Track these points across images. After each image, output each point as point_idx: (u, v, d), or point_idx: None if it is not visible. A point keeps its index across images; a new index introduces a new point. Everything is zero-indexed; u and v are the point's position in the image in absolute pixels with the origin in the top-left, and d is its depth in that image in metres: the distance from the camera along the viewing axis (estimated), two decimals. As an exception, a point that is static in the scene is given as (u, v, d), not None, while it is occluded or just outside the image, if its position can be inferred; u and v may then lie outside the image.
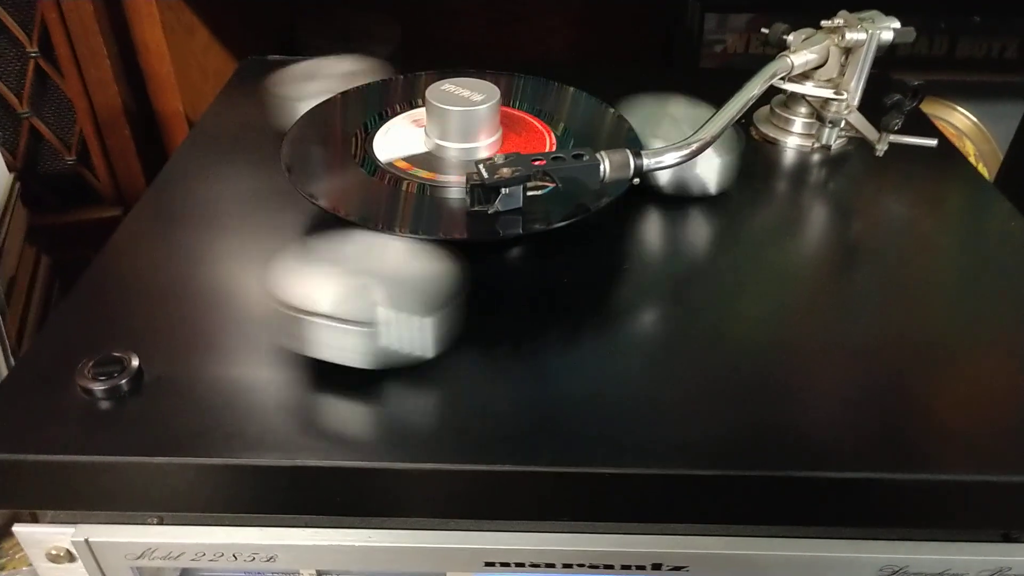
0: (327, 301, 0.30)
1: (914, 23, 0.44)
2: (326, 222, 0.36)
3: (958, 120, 0.90)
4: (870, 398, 0.32)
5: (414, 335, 0.31)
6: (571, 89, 0.47)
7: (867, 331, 0.35)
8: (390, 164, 0.40)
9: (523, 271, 0.38)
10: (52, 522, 0.32)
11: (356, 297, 0.31)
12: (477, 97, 0.40)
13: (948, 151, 0.49)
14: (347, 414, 0.31)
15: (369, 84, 0.49)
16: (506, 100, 0.46)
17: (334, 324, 0.30)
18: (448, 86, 0.41)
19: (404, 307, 0.31)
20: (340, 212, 0.36)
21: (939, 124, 0.89)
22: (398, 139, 0.42)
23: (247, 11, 0.83)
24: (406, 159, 0.41)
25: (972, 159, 0.91)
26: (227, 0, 0.78)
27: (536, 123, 0.44)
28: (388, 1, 0.94)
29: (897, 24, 0.45)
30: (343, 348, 0.30)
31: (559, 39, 1.02)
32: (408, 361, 0.31)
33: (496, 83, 0.42)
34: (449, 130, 0.40)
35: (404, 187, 0.39)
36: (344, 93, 0.47)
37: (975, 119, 0.89)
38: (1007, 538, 0.32)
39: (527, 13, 1.00)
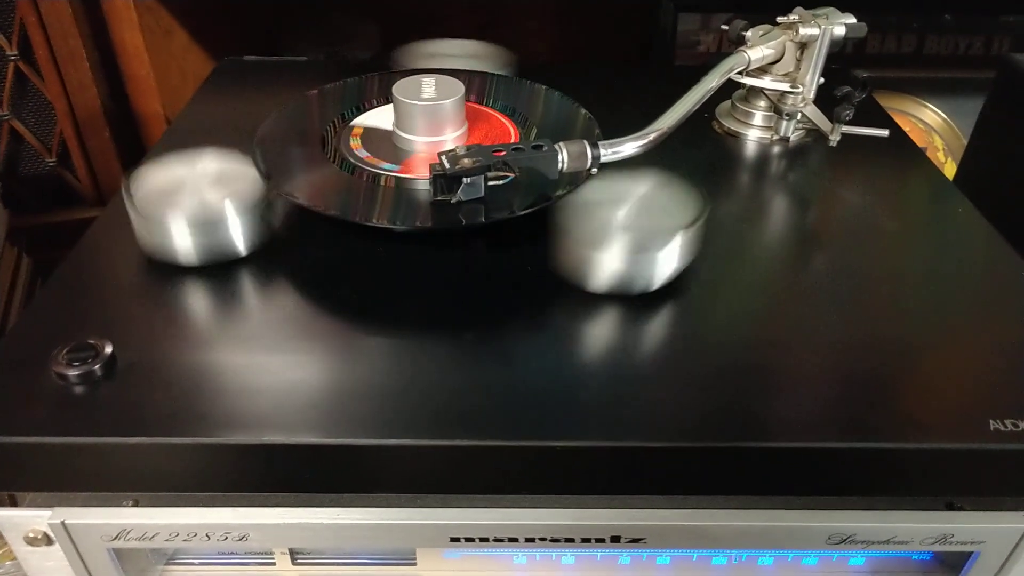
0: (160, 203, 0.36)
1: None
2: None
3: (927, 116, 0.92)
4: (819, 374, 0.34)
5: (229, 234, 0.37)
6: (542, 87, 0.48)
7: (817, 313, 0.37)
8: (357, 157, 0.42)
9: (487, 258, 0.40)
10: (30, 506, 0.33)
11: (181, 200, 0.37)
12: (442, 92, 0.41)
13: (901, 140, 0.50)
14: (313, 393, 0.32)
15: (345, 81, 0.50)
16: (479, 98, 0.48)
17: (159, 221, 0.36)
18: (415, 82, 0.42)
19: (221, 209, 0.36)
20: (306, 203, 0.37)
21: (909, 120, 0.91)
22: (366, 133, 0.44)
23: (227, 13, 0.84)
24: (373, 152, 0.42)
25: (941, 154, 0.93)
26: (207, 2, 0.79)
27: (503, 120, 0.46)
28: (370, 4, 0.95)
29: (851, 19, 0.47)
30: (166, 244, 0.36)
31: (541, 41, 1.04)
32: (224, 258, 0.37)
33: (469, 81, 0.43)
34: (414, 124, 0.41)
35: (369, 179, 0.40)
36: (320, 89, 0.48)
37: (944, 115, 0.91)
38: (950, 506, 0.34)
39: (509, 16, 1.01)
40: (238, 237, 0.37)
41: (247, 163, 0.39)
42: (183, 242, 0.36)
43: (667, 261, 0.35)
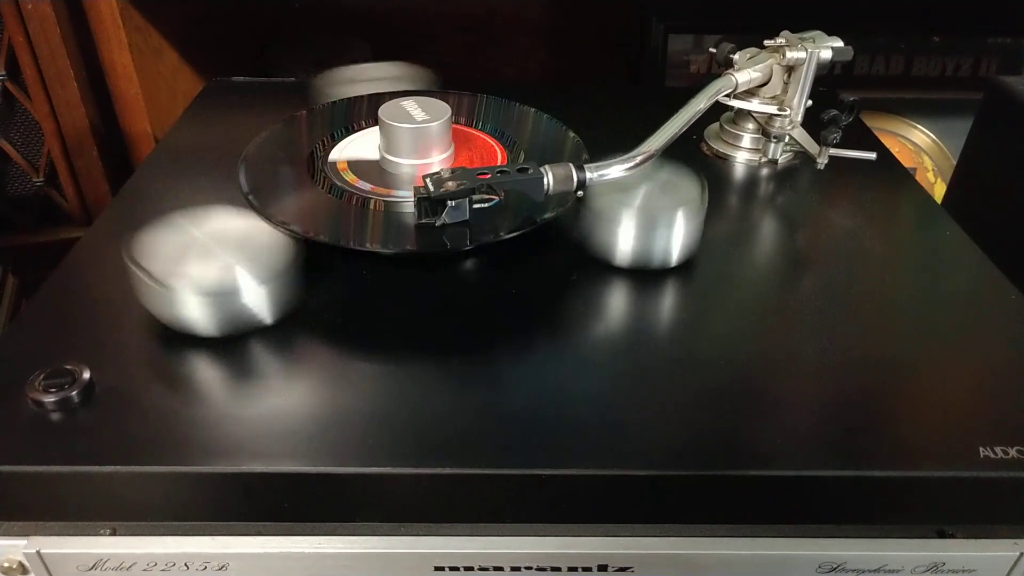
0: (175, 270, 0.33)
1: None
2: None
3: (917, 137, 0.92)
4: (807, 400, 0.33)
5: (253, 302, 0.34)
6: (531, 110, 0.48)
7: (806, 338, 0.36)
8: (342, 180, 0.41)
9: (472, 282, 0.39)
10: (5, 535, 0.33)
11: (199, 267, 0.34)
12: (428, 115, 0.41)
13: (889, 163, 0.50)
14: (295, 420, 0.31)
15: (335, 102, 0.50)
16: (468, 120, 0.47)
17: (177, 291, 0.33)
18: (401, 104, 0.42)
19: (243, 275, 0.33)
20: (289, 227, 0.37)
21: (898, 140, 0.91)
22: (352, 156, 0.44)
23: (217, 33, 0.84)
24: (358, 174, 0.42)
25: (931, 174, 0.93)
26: (197, 22, 0.79)
27: (491, 142, 0.46)
28: (361, 24, 0.95)
29: (838, 43, 0.47)
30: (187, 315, 0.33)
31: (532, 61, 1.04)
32: (249, 327, 0.34)
33: (458, 103, 0.43)
34: (400, 147, 0.41)
35: (354, 202, 0.40)
36: (309, 110, 0.48)
37: (933, 136, 0.92)
38: (941, 534, 0.33)
39: (500, 35, 1.02)
40: (263, 307, 0.35)
41: (259, 220, 0.37)
42: (203, 315, 0.34)
43: (680, 232, 0.38)
